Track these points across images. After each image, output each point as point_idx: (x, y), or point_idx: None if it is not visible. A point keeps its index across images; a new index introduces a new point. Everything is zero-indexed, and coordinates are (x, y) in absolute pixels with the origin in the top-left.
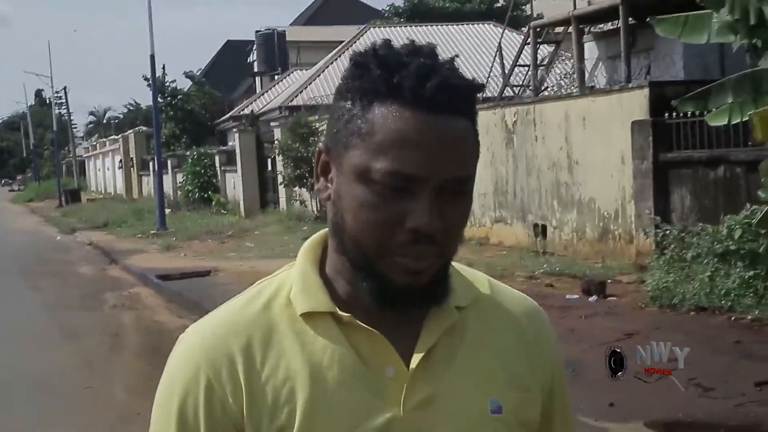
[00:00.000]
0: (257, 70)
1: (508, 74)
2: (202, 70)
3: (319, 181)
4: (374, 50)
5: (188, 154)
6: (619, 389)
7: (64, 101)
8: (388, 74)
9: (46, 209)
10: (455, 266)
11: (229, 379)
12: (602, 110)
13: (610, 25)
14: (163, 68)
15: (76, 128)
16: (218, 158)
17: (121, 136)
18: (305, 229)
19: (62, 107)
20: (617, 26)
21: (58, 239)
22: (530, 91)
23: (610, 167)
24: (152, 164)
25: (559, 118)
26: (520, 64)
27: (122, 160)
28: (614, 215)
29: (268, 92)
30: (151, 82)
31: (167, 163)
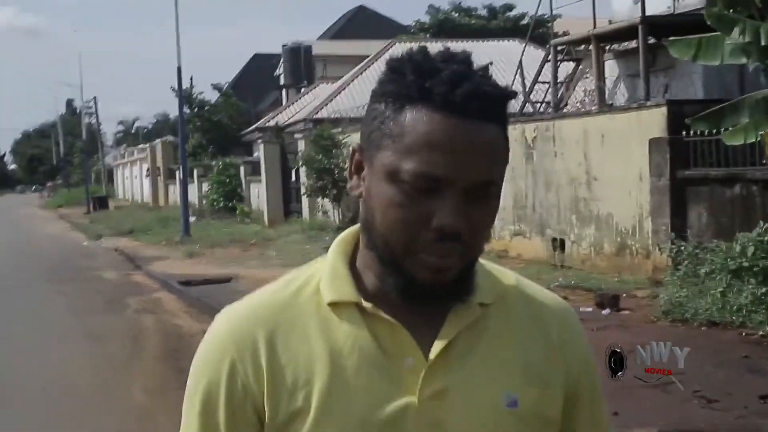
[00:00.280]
0: (283, 83)
1: (528, 91)
2: (229, 82)
3: (352, 179)
4: (409, 56)
5: (214, 164)
6: (624, 399)
7: (93, 111)
8: (420, 79)
9: (74, 216)
10: (485, 264)
11: (251, 361)
12: (621, 127)
13: (633, 43)
14: (191, 80)
15: (105, 137)
16: (243, 168)
17: (148, 145)
18: (327, 238)
19: (92, 117)
20: (637, 45)
21: (84, 245)
22: (550, 107)
23: (628, 184)
24: (178, 173)
25: (577, 134)
26: (541, 81)
27: (149, 168)
28: (632, 231)
29: (293, 105)
30: (177, 93)
31: (193, 172)
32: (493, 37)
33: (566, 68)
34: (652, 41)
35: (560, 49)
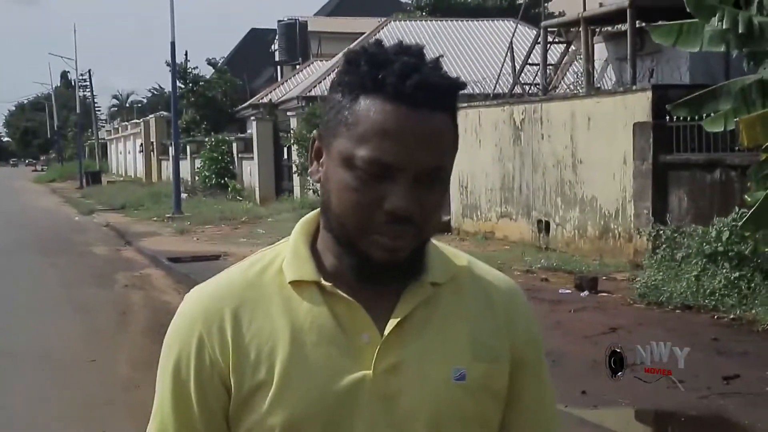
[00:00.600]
0: (278, 59)
1: (518, 73)
2: (225, 57)
3: (312, 164)
4: (365, 48)
5: (207, 140)
6: (592, 379)
7: (88, 84)
8: (374, 70)
9: (67, 190)
10: (439, 245)
11: (218, 336)
12: (607, 111)
13: (623, 27)
14: (185, 55)
15: (99, 111)
16: (236, 145)
17: (142, 120)
18: None
19: (86, 90)
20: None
21: (76, 220)
22: (539, 89)
23: (612, 167)
24: (171, 149)
25: (565, 117)
26: (531, 62)
27: (143, 144)
28: (615, 214)
29: (287, 82)
30: (171, 68)
31: (186, 148)
32: (489, 15)
33: (558, 50)
34: (641, 25)
35: (551, 30)
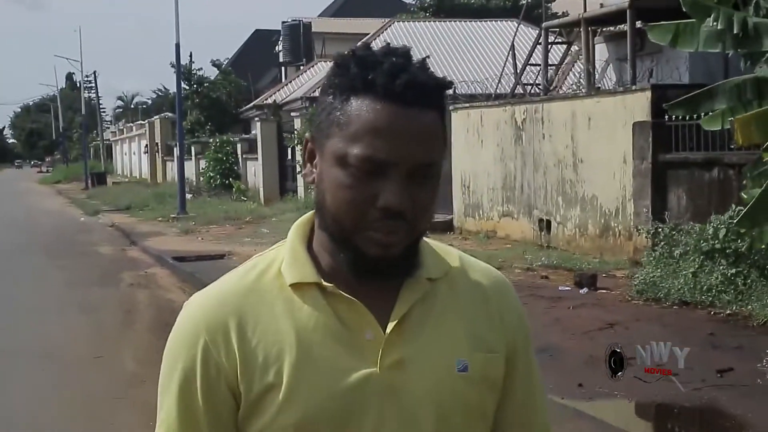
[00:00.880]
0: (282, 60)
1: (519, 73)
2: (229, 59)
3: (306, 167)
4: (353, 52)
5: (211, 141)
6: (589, 373)
7: (93, 85)
8: (364, 72)
9: (72, 191)
10: (430, 243)
11: (223, 343)
12: (607, 111)
13: (623, 27)
14: (190, 56)
15: (104, 112)
16: (240, 146)
17: (147, 121)
18: None
19: (91, 91)
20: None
21: (81, 220)
22: (540, 90)
23: (612, 166)
24: (176, 150)
25: (565, 117)
26: (532, 63)
27: (147, 145)
28: (615, 212)
29: (291, 82)
30: (176, 70)
31: (191, 149)
32: (492, 16)
33: (560, 51)
34: (641, 25)
35: (553, 31)
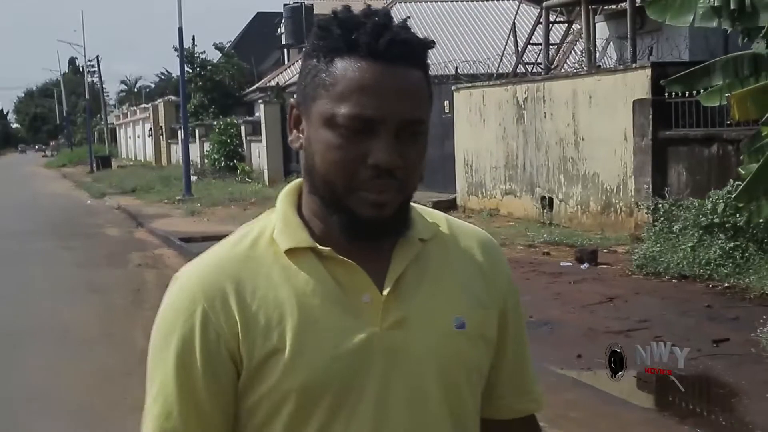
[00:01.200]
0: (285, 42)
1: (521, 52)
2: (232, 41)
3: (292, 133)
4: (335, 14)
5: (215, 123)
6: (587, 344)
7: (96, 69)
8: (347, 33)
9: (77, 175)
10: (416, 207)
11: (222, 308)
12: (607, 89)
13: (624, 5)
14: (192, 39)
15: (108, 96)
16: (244, 128)
17: (151, 105)
18: None
19: (95, 75)
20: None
21: (88, 203)
22: (541, 69)
23: (613, 143)
24: (180, 133)
25: (567, 95)
26: (533, 42)
27: (152, 128)
28: (616, 189)
29: (294, 64)
30: (179, 53)
31: (195, 132)
32: None
33: (561, 30)
34: (641, 3)
35: (554, 10)
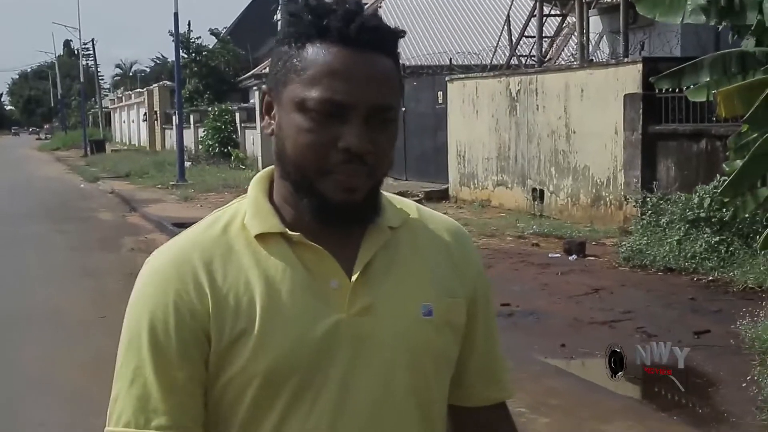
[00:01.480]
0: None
1: (514, 45)
2: (228, 27)
3: (263, 119)
4: (305, 1)
5: (210, 109)
6: (572, 334)
7: (91, 53)
8: (318, 19)
9: (71, 158)
10: (386, 195)
11: (195, 288)
12: (599, 83)
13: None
14: (188, 24)
15: (103, 80)
16: (238, 115)
17: (145, 89)
18: None
19: (90, 59)
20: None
21: (82, 187)
22: (534, 61)
23: (604, 137)
24: (175, 118)
25: (559, 88)
26: (527, 35)
27: (146, 113)
28: (606, 182)
29: None
30: (174, 38)
31: (189, 117)
32: None
33: (556, 23)
34: None
35: (549, 2)
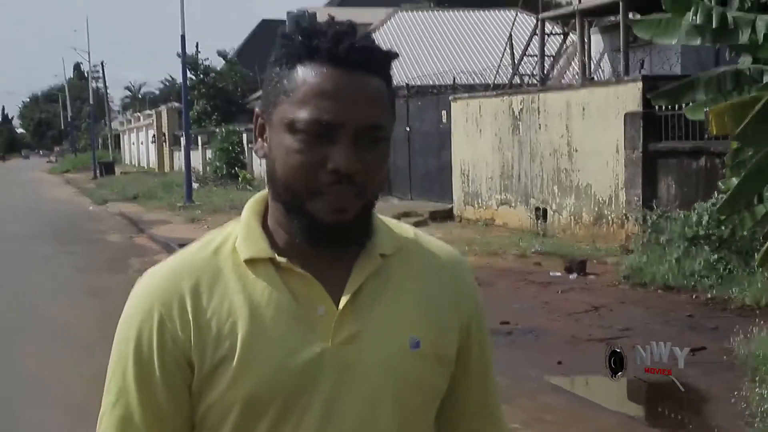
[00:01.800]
0: None
1: (516, 64)
2: (236, 49)
3: (257, 141)
4: (297, 23)
5: (217, 131)
6: (569, 351)
7: (101, 75)
8: (308, 40)
9: (81, 181)
10: (385, 219)
11: (178, 314)
12: (600, 101)
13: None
14: (196, 46)
15: (112, 102)
16: (246, 136)
17: (154, 111)
18: None
19: (99, 81)
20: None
21: (90, 209)
22: (536, 80)
23: (605, 155)
24: (182, 140)
25: (560, 107)
26: (529, 54)
27: (155, 134)
28: (608, 201)
29: None
30: (181, 60)
31: (197, 139)
32: (497, 5)
33: (558, 41)
34: (634, 18)
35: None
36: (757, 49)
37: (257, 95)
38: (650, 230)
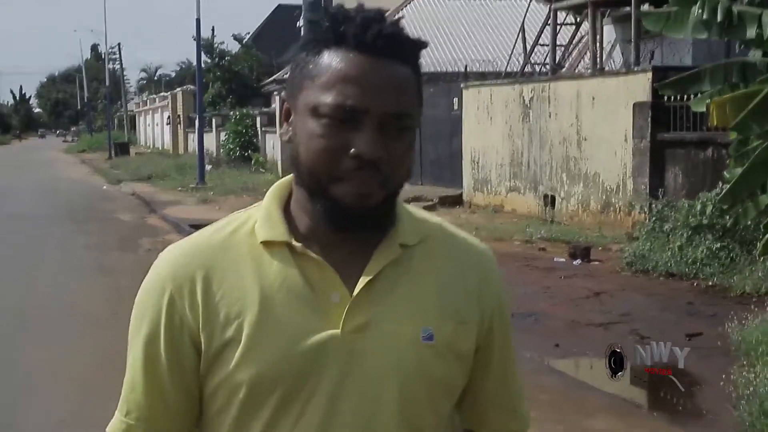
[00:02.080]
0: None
1: (528, 53)
2: (251, 33)
3: (282, 126)
4: (326, 9)
5: (231, 114)
6: (567, 335)
7: (117, 57)
8: (336, 25)
9: (96, 161)
10: (411, 210)
11: (188, 295)
12: (610, 91)
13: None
14: (212, 30)
15: (128, 84)
16: (259, 119)
17: (169, 93)
18: None
19: (116, 63)
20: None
21: (104, 189)
22: (548, 69)
23: (614, 144)
24: (197, 122)
25: (571, 96)
26: (541, 43)
27: (170, 116)
28: (616, 189)
29: None
30: (196, 44)
31: (211, 121)
32: None
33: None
34: (646, 9)
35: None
36: (763, 43)
37: (272, 79)
38: (655, 218)
